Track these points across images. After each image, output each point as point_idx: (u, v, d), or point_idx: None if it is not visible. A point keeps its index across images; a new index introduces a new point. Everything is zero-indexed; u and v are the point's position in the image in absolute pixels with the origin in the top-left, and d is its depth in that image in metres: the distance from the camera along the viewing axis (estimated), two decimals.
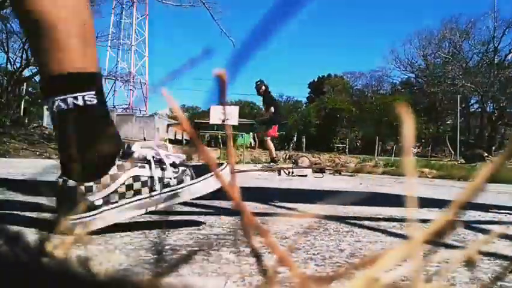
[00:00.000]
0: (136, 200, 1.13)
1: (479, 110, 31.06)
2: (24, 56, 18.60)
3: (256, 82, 9.38)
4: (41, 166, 6.34)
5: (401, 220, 1.67)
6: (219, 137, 21.60)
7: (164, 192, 1.17)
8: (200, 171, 1.29)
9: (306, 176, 6.14)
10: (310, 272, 0.85)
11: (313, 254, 1.00)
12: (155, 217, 1.44)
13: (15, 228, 1.18)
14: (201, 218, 1.48)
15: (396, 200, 2.64)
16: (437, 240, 0.28)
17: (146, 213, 1.18)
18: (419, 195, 0.29)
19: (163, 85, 0.32)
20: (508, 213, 2.11)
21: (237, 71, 0.31)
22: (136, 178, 1.12)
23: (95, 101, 1.06)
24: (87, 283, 0.30)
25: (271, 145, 8.99)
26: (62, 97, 1.03)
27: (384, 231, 1.40)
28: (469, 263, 0.30)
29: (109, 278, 0.32)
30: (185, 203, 1.90)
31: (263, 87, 9.23)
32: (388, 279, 0.27)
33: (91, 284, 0.30)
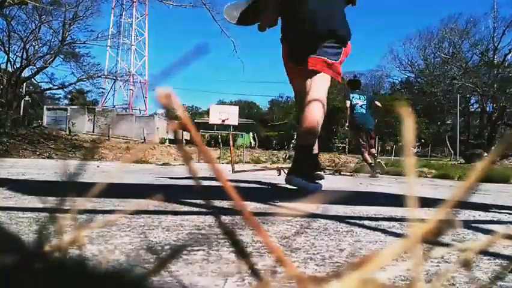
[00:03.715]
0: None
1: (479, 109, 31.07)
2: (24, 56, 18.61)
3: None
4: (42, 166, 6.34)
5: (401, 220, 1.66)
6: (219, 136, 21.58)
7: None
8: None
9: None
10: (310, 272, 0.85)
11: (313, 254, 1.00)
12: (155, 217, 1.44)
13: (15, 228, 1.18)
14: (201, 218, 1.48)
15: (396, 200, 2.64)
16: (435, 240, 0.28)
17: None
18: (419, 195, 0.29)
19: (158, 83, 0.32)
20: (508, 213, 2.11)
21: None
22: None
23: None
24: (85, 282, 0.30)
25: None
26: None
27: (384, 231, 1.40)
28: (466, 264, 0.30)
29: (106, 276, 0.32)
30: (186, 203, 1.91)
31: None
32: (386, 278, 0.27)
33: (88, 282, 0.30)
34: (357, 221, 1.58)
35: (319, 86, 2.89)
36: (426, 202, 2.35)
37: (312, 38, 2.89)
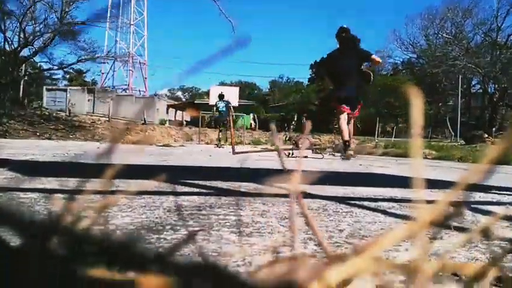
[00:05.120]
0: None
1: (481, 91, 30.88)
2: (22, 35, 18.38)
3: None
4: (43, 146, 6.35)
5: (400, 201, 1.67)
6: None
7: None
8: None
9: (306, 157, 6.15)
10: (309, 252, 0.85)
11: (313, 235, 1.00)
12: (155, 198, 1.44)
13: (17, 208, 1.19)
14: (201, 199, 1.48)
15: (396, 181, 2.65)
16: (440, 222, 0.28)
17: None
18: (422, 177, 0.29)
19: (200, 70, 0.32)
20: (508, 194, 2.12)
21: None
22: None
23: None
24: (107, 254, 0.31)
25: (341, 124, 6.33)
26: None
27: (383, 212, 1.40)
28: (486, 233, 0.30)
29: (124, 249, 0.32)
30: (187, 184, 1.91)
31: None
32: (392, 259, 0.27)
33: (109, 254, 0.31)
34: (357, 202, 1.59)
35: (354, 119, 6.44)
36: (427, 183, 2.36)
37: (352, 101, 6.14)
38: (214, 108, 13.97)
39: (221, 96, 14.18)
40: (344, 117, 6.18)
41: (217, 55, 0.34)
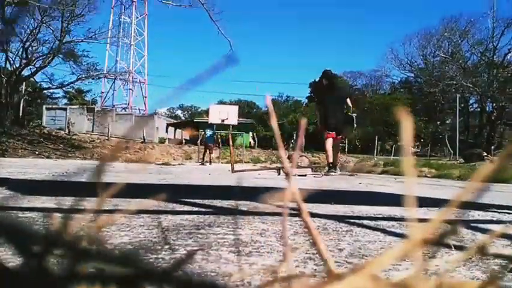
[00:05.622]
0: None
1: (479, 109, 31.05)
2: (23, 56, 18.56)
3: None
4: (42, 165, 6.33)
5: (400, 220, 1.67)
6: (218, 136, 21.57)
7: None
8: None
9: (305, 175, 6.14)
10: (309, 271, 0.85)
11: (313, 254, 1.00)
12: (154, 216, 1.44)
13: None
14: (200, 218, 1.48)
15: (395, 200, 2.64)
16: (437, 241, 0.28)
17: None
18: (419, 195, 0.29)
19: (189, 89, 0.33)
20: (507, 213, 2.11)
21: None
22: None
23: None
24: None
25: (327, 148, 7.25)
26: None
27: (383, 231, 1.40)
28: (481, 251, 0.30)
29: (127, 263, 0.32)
30: (185, 202, 1.91)
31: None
32: (390, 278, 0.27)
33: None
34: (357, 221, 1.58)
35: (339, 143, 7.44)
36: (426, 202, 2.36)
37: (339, 127, 7.09)
38: (203, 132, 16.74)
39: (209, 125, 16.51)
40: (330, 142, 7.20)
41: (207, 73, 0.35)
